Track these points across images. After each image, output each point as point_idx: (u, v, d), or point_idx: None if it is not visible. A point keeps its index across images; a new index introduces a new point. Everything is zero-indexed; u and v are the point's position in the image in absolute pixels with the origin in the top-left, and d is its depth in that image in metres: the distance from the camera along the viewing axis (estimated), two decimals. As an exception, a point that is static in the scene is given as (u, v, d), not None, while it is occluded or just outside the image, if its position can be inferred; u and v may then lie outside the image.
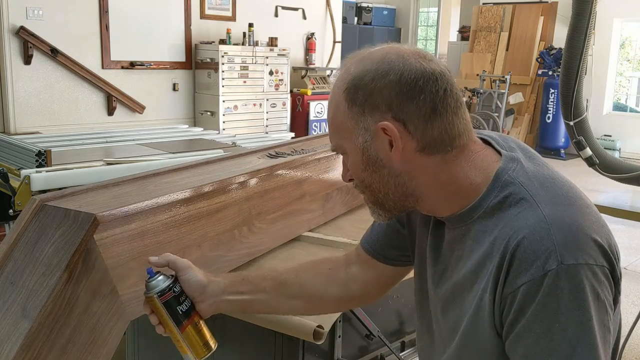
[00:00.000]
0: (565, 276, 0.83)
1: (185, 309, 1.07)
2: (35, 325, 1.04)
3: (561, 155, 9.06)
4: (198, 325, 1.08)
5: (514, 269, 0.87)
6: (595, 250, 0.86)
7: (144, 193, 1.33)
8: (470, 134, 0.97)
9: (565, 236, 0.85)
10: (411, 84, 0.91)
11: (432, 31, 12.88)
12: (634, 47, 10.19)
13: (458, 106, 0.94)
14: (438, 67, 0.93)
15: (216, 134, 3.75)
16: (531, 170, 0.94)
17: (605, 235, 0.89)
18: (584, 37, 2.85)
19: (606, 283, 0.86)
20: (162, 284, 1.05)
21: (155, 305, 1.05)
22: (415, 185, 0.97)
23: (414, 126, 0.92)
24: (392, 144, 0.94)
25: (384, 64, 0.93)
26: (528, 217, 0.88)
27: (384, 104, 0.92)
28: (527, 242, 0.86)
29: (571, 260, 0.84)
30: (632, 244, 5.10)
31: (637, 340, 3.28)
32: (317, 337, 1.32)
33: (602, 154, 3.11)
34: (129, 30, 6.36)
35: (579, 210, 0.89)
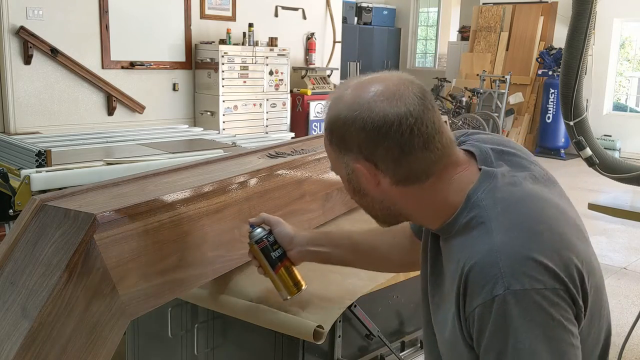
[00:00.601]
0: (512, 301, 0.89)
1: (278, 255, 1.34)
2: (35, 325, 1.04)
3: (561, 155, 9.06)
4: (289, 269, 1.35)
5: (469, 292, 0.94)
6: (544, 274, 0.90)
7: (144, 193, 1.33)
8: (448, 157, 1.02)
9: (512, 263, 0.91)
10: (374, 131, 0.98)
11: (432, 31, 12.88)
12: (634, 47, 10.19)
13: (429, 140, 0.99)
14: (406, 106, 0.97)
15: (216, 134, 3.75)
16: (502, 191, 0.99)
17: (562, 257, 0.93)
18: (584, 37, 2.84)
19: (561, 303, 0.91)
20: (258, 235, 1.34)
21: (255, 251, 1.35)
22: (400, 208, 1.07)
23: (385, 166, 1.00)
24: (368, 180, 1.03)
25: (352, 111, 0.99)
26: (482, 243, 0.95)
27: (355, 148, 1.01)
28: (478, 268, 0.93)
29: (517, 286, 0.89)
30: (632, 244, 5.10)
31: (637, 340, 3.28)
32: (317, 337, 1.32)
33: (602, 154, 3.10)
34: (129, 30, 6.36)
35: (533, 235, 0.94)
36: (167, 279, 1.28)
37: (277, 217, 1.39)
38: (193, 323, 1.67)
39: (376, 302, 1.60)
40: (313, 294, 1.45)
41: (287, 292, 1.35)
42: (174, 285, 1.30)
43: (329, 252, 1.38)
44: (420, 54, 13.06)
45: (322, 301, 1.43)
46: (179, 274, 1.31)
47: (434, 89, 9.75)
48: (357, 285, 1.50)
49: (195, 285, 1.39)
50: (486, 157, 1.05)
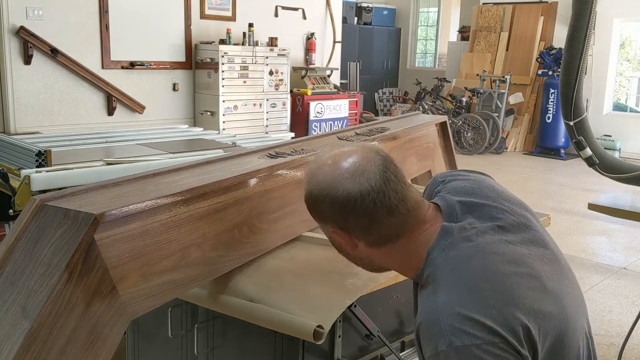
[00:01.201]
0: (454, 355, 0.98)
1: None
2: (35, 325, 1.04)
3: (561, 155, 9.06)
4: None
5: (422, 345, 1.06)
6: (482, 331, 0.99)
7: (144, 193, 1.33)
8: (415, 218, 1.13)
9: (451, 322, 1.00)
10: (341, 208, 1.11)
11: (432, 31, 12.88)
12: (634, 47, 10.19)
13: (393, 208, 1.10)
14: (368, 181, 1.09)
15: (216, 134, 3.75)
16: (455, 248, 1.10)
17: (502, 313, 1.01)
18: (584, 37, 2.84)
19: (502, 354, 0.99)
20: None
21: None
22: (379, 263, 1.22)
23: (357, 234, 1.14)
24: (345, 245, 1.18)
25: (321, 189, 1.13)
26: (429, 303, 1.06)
27: (330, 219, 1.15)
28: (423, 327, 1.04)
29: (458, 342, 0.99)
30: (632, 244, 5.10)
31: (637, 340, 3.28)
32: (317, 337, 1.32)
33: (602, 154, 3.10)
34: (129, 30, 6.36)
35: (475, 293, 1.03)
36: (167, 279, 1.28)
37: None
38: (193, 323, 1.67)
39: (376, 302, 1.60)
40: (313, 294, 1.45)
41: None
42: (174, 285, 1.30)
43: None
44: (420, 54, 13.06)
45: (322, 301, 1.43)
46: (179, 274, 1.31)
47: (434, 89, 9.75)
48: (357, 285, 1.50)
49: (195, 285, 1.39)
50: (452, 211, 1.15)
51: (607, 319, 3.57)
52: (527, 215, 1.20)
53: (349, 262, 1.62)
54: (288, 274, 1.57)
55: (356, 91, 8.87)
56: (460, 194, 1.19)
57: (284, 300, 1.43)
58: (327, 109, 7.69)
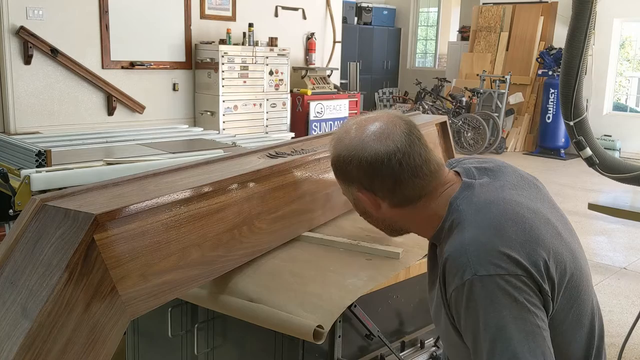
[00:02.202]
0: (479, 284, 1.05)
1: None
2: (35, 325, 1.04)
3: (561, 155, 9.06)
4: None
5: (446, 280, 1.11)
6: (508, 262, 1.06)
7: (144, 193, 1.33)
8: (437, 180, 1.20)
9: (478, 253, 1.07)
10: (368, 168, 1.17)
11: (432, 31, 12.88)
12: (634, 47, 10.19)
13: (417, 169, 1.17)
14: (394, 142, 1.16)
15: (216, 134, 3.75)
16: (479, 197, 1.17)
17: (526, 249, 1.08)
18: (584, 37, 2.84)
19: (524, 288, 1.05)
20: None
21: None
22: (400, 225, 1.28)
23: (382, 194, 1.20)
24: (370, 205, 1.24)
25: (349, 150, 1.19)
26: (455, 239, 1.12)
27: (356, 181, 1.21)
28: (450, 259, 1.10)
29: (483, 272, 1.05)
30: (632, 244, 5.10)
31: (637, 340, 3.28)
32: (317, 337, 1.32)
33: (602, 154, 3.10)
34: (129, 30, 6.36)
35: (499, 230, 1.10)
36: (167, 279, 1.28)
37: None
38: (193, 323, 1.67)
39: (376, 302, 1.60)
40: (313, 294, 1.45)
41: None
42: (174, 285, 1.30)
43: None
44: (420, 54, 13.06)
45: (322, 301, 1.43)
46: (179, 274, 1.31)
47: (434, 89, 9.75)
48: (357, 285, 1.50)
49: (195, 285, 1.39)
50: (470, 173, 1.24)
51: (607, 319, 3.57)
52: (538, 185, 1.30)
53: (348, 262, 1.62)
54: (288, 274, 1.57)
55: (356, 91, 8.86)
56: (473, 163, 1.28)
57: (284, 300, 1.43)
58: (327, 109, 7.69)
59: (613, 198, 3.71)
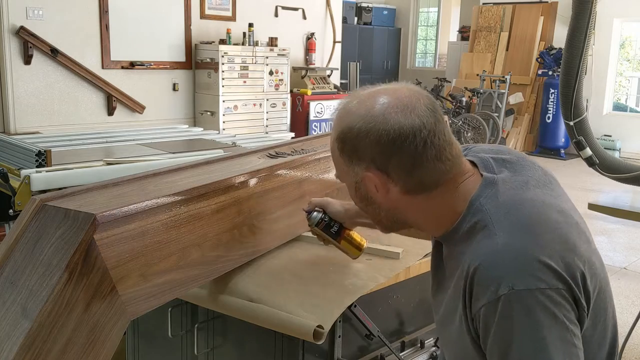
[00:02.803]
0: (516, 300, 0.91)
1: (336, 229, 1.54)
2: (35, 325, 1.04)
3: (561, 155, 9.06)
4: (349, 236, 1.56)
5: (474, 293, 0.97)
6: (548, 274, 0.93)
7: (144, 193, 1.33)
8: (458, 167, 1.05)
9: (516, 264, 0.93)
10: (389, 144, 1.00)
11: (432, 31, 12.88)
12: (634, 47, 10.19)
13: (441, 151, 1.02)
14: (419, 118, 1.00)
15: (216, 134, 3.75)
16: (504, 195, 1.03)
17: (564, 258, 0.95)
18: (584, 37, 2.84)
19: (564, 303, 0.93)
20: (316, 218, 1.53)
21: (317, 232, 1.55)
22: (405, 217, 1.11)
23: (396, 176, 1.03)
24: (378, 188, 1.06)
25: (367, 122, 1.02)
26: (485, 246, 0.98)
27: (368, 158, 1.04)
28: (482, 270, 0.95)
29: (521, 286, 0.92)
30: (632, 244, 5.10)
31: (637, 340, 3.28)
32: (317, 337, 1.32)
33: (602, 154, 3.10)
34: (129, 30, 6.36)
35: (535, 236, 0.97)
36: (167, 279, 1.28)
37: (326, 198, 1.58)
38: (193, 323, 1.67)
39: (376, 302, 1.60)
40: (313, 294, 1.45)
41: (353, 254, 1.58)
42: (174, 285, 1.30)
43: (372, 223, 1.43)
44: (420, 54, 13.06)
45: (322, 301, 1.43)
46: (179, 274, 1.31)
47: (434, 89, 9.75)
48: (357, 285, 1.50)
49: (195, 285, 1.39)
50: (487, 164, 1.09)
51: (607, 319, 3.57)
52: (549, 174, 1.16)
53: (349, 262, 1.62)
54: (288, 274, 1.57)
55: (356, 91, 8.84)
56: (488, 152, 1.14)
57: (284, 300, 1.43)
58: (327, 109, 7.69)
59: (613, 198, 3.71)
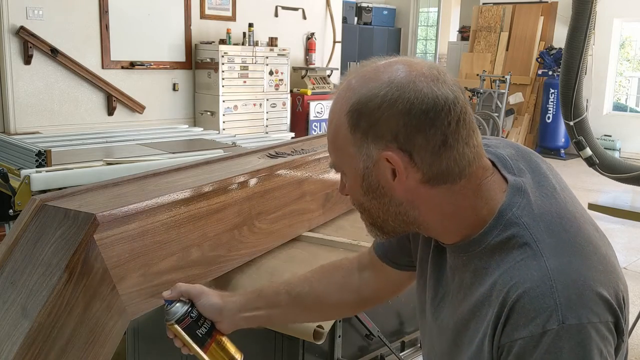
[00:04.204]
0: (566, 336, 0.80)
1: (206, 330, 1.09)
2: (35, 325, 1.04)
3: (561, 155, 9.07)
4: (221, 343, 1.11)
5: (512, 321, 0.83)
6: (601, 306, 0.82)
7: (144, 193, 1.33)
8: (480, 160, 0.90)
9: (569, 294, 0.81)
10: (421, 116, 0.83)
11: (432, 31, 12.88)
12: (634, 47, 10.19)
13: (470, 135, 0.87)
14: (451, 91, 0.85)
15: (216, 134, 3.75)
16: (538, 206, 0.89)
17: (612, 284, 0.85)
18: (584, 37, 2.84)
19: (610, 338, 0.83)
20: (179, 311, 1.08)
21: (177, 331, 1.09)
22: (418, 215, 0.92)
23: (420, 158, 0.86)
24: (395, 174, 0.87)
25: (393, 90, 0.84)
26: (531, 269, 0.83)
27: (390, 134, 0.85)
28: (528, 298, 0.82)
29: (574, 320, 0.80)
30: (632, 244, 5.10)
31: (637, 340, 3.28)
32: (317, 337, 1.32)
33: (602, 154, 3.10)
34: (129, 30, 6.35)
35: (585, 259, 0.85)
36: (167, 279, 1.28)
37: (199, 285, 1.15)
38: (193, 323, 1.67)
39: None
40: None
41: None
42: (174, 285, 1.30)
43: (267, 315, 1.17)
44: (420, 54, 13.05)
45: (322, 301, 1.43)
46: (179, 274, 1.31)
47: (434, 89, 9.73)
48: (357, 285, 1.50)
49: (195, 285, 1.39)
50: (505, 162, 0.95)
51: (607, 319, 3.57)
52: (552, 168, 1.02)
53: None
54: (288, 274, 1.57)
55: (356, 91, 8.85)
56: (500, 147, 0.99)
57: (284, 300, 1.43)
58: (327, 109, 7.64)
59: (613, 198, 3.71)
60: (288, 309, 1.18)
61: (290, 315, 1.21)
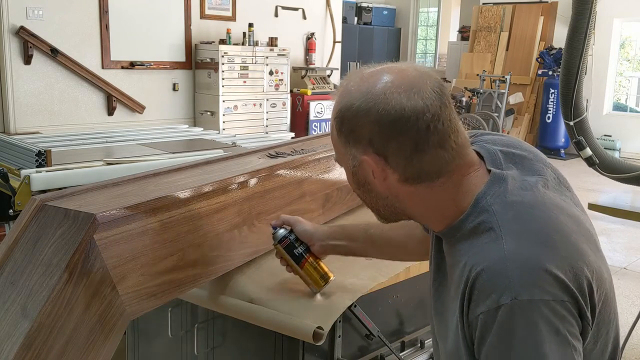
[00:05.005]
0: (518, 311, 0.86)
1: (301, 251, 1.40)
2: (35, 325, 1.04)
3: (561, 155, 9.07)
4: (314, 263, 1.41)
5: (474, 298, 0.91)
6: (554, 285, 0.87)
7: (144, 193, 1.33)
8: (462, 158, 0.98)
9: (522, 272, 0.88)
10: (389, 125, 0.94)
11: (432, 31, 12.88)
12: (634, 47, 10.19)
13: (445, 138, 0.95)
14: (423, 100, 0.93)
15: (216, 134, 3.75)
16: (512, 195, 0.96)
17: (573, 268, 0.90)
18: (584, 37, 2.84)
19: (568, 317, 0.88)
20: (281, 235, 1.41)
21: (279, 250, 1.42)
22: (404, 207, 1.03)
23: (395, 162, 0.96)
24: (375, 175, 0.99)
25: (367, 101, 0.95)
26: (491, 250, 0.91)
27: (366, 140, 0.97)
28: (485, 276, 0.89)
29: (526, 297, 0.86)
30: (632, 244, 5.10)
31: (637, 340, 3.28)
32: (316, 338, 1.32)
33: (602, 154, 3.10)
34: (129, 30, 6.35)
35: (546, 244, 0.91)
36: (167, 279, 1.28)
37: (296, 217, 1.45)
38: (193, 323, 1.67)
39: (376, 302, 1.60)
40: (313, 294, 1.45)
41: (315, 286, 1.42)
42: (174, 285, 1.30)
43: (347, 245, 1.42)
44: (420, 54, 13.05)
45: (321, 301, 1.43)
46: (179, 274, 1.31)
47: (434, 89, 9.73)
48: (357, 285, 1.50)
49: (195, 285, 1.39)
50: (495, 158, 1.02)
51: (607, 319, 3.57)
52: (568, 184, 1.09)
53: (348, 262, 1.62)
54: (288, 274, 1.57)
55: (356, 91, 8.84)
56: (497, 144, 1.06)
57: (283, 300, 1.43)
58: (327, 109, 7.69)
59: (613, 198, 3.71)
60: (364, 244, 1.41)
61: (365, 251, 1.44)
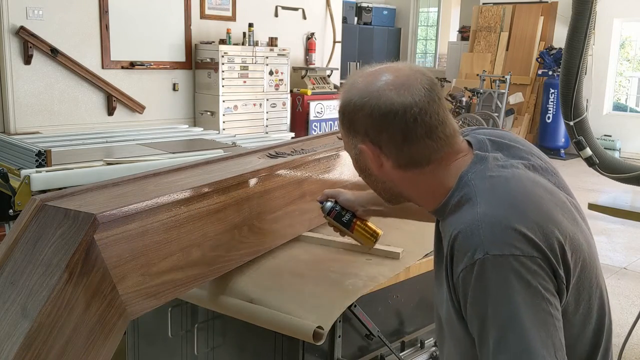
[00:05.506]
0: (490, 265, 0.96)
1: (349, 217, 1.56)
2: (35, 325, 1.04)
3: (561, 155, 9.06)
4: (362, 225, 1.57)
5: (455, 259, 1.02)
6: (523, 242, 0.97)
7: (144, 193, 1.33)
8: (450, 146, 1.10)
9: (492, 231, 0.98)
10: (380, 118, 1.07)
11: (432, 31, 12.88)
12: (634, 47, 10.19)
13: (432, 130, 1.08)
14: (412, 96, 1.06)
15: (216, 134, 3.75)
16: (492, 171, 1.08)
17: (543, 229, 0.99)
18: (584, 37, 2.84)
19: (539, 272, 0.97)
20: (328, 207, 1.57)
21: (330, 221, 1.58)
22: (400, 190, 1.17)
23: (388, 150, 1.10)
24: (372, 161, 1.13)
25: (362, 97, 1.09)
26: (466, 215, 1.03)
27: (362, 131, 1.11)
28: (461, 237, 1.01)
29: (496, 252, 0.96)
30: (632, 244, 5.10)
31: (637, 340, 3.28)
32: (316, 338, 1.32)
33: (602, 154, 3.10)
34: (129, 30, 6.35)
35: (517, 208, 1.01)
36: (167, 279, 1.28)
37: (337, 189, 1.64)
38: (193, 323, 1.67)
39: (376, 302, 1.60)
40: (313, 294, 1.45)
41: (366, 243, 1.59)
42: (174, 285, 1.30)
43: (384, 210, 1.54)
44: (420, 54, 13.05)
45: (322, 301, 1.43)
46: (179, 274, 1.31)
47: (434, 89, 9.73)
48: (357, 285, 1.50)
49: (195, 285, 1.39)
50: (482, 145, 1.14)
51: (607, 319, 3.56)
52: (551, 164, 1.19)
53: (348, 262, 1.62)
54: (288, 274, 1.58)
55: (356, 91, 8.84)
56: (488, 135, 1.18)
57: (284, 300, 1.43)
58: (327, 109, 7.69)
59: (613, 198, 3.71)
60: (398, 210, 1.50)
61: (397, 214, 1.57)
